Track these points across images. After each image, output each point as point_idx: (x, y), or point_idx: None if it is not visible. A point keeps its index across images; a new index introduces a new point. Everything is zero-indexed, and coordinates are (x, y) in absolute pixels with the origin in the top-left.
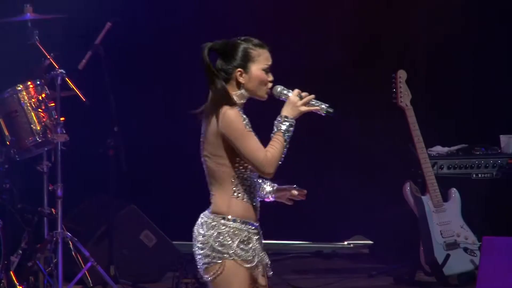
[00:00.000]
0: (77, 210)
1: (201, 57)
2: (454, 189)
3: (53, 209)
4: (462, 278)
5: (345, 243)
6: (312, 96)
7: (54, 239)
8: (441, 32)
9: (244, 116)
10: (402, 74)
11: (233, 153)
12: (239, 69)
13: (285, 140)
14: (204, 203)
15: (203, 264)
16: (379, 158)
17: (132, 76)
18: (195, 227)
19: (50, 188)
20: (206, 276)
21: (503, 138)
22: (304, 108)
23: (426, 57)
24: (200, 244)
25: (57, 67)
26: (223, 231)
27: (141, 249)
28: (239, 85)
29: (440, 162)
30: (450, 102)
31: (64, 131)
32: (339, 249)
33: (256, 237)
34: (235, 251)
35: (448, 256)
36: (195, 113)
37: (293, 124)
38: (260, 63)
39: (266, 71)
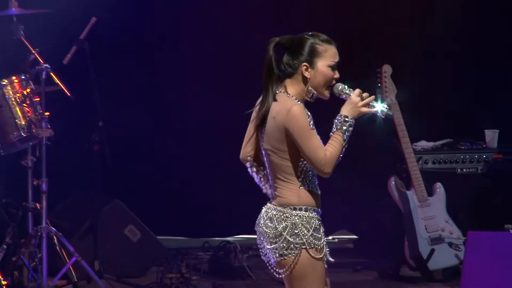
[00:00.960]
0: (62, 205)
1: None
2: (439, 183)
3: (37, 204)
4: (447, 273)
5: (330, 237)
6: (373, 97)
7: (39, 234)
8: (426, 26)
9: (308, 113)
10: (387, 69)
11: (297, 148)
12: (304, 63)
13: (344, 140)
14: (188, 199)
15: (278, 257)
16: (364, 153)
17: (117, 71)
18: (261, 222)
19: (34, 183)
20: (280, 270)
21: (488, 133)
22: (364, 109)
23: (411, 51)
24: (272, 238)
25: (42, 62)
26: (297, 221)
27: (126, 244)
28: (305, 81)
29: (425, 157)
30: (435, 97)
31: (49, 126)
32: None
33: (322, 225)
34: (309, 240)
35: (432, 251)
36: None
37: (353, 124)
38: (326, 59)
39: (333, 67)
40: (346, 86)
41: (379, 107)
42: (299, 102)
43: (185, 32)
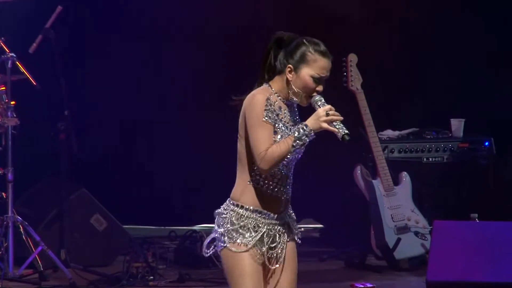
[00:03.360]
0: (28, 194)
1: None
2: (405, 173)
3: (3, 193)
4: (413, 262)
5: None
6: (339, 118)
7: (5, 223)
8: (392, 15)
9: (275, 107)
10: (353, 58)
11: None
12: (290, 65)
13: (293, 146)
14: (154, 187)
15: (217, 248)
16: (329, 142)
17: (82, 60)
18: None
19: (0, 172)
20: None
21: (453, 122)
22: (324, 125)
23: (376, 40)
24: (216, 228)
25: (7, 51)
26: (227, 216)
27: (92, 233)
28: (288, 82)
29: (391, 146)
30: (401, 86)
31: (15, 115)
32: None
33: (269, 228)
34: (230, 233)
35: (399, 240)
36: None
37: (309, 135)
38: (312, 69)
39: (316, 79)
40: (322, 100)
41: (341, 129)
42: (271, 96)
43: (151, 20)
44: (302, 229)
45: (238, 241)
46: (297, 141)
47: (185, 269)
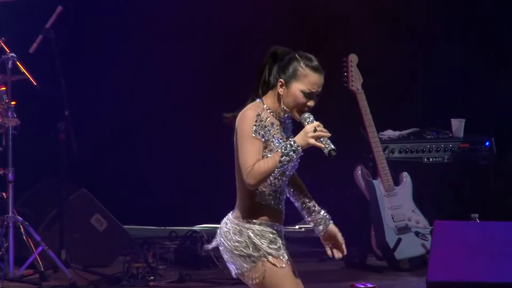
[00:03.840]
0: (28, 194)
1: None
2: (406, 173)
3: (4, 193)
4: (414, 262)
5: (296, 227)
6: (326, 134)
7: (5, 223)
8: (393, 15)
9: (266, 123)
10: (353, 58)
11: None
12: (281, 80)
13: (280, 162)
14: (154, 188)
15: (239, 271)
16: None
17: (83, 60)
18: (220, 235)
19: (1, 172)
20: (246, 281)
21: (454, 122)
22: (312, 141)
23: (377, 40)
24: (232, 251)
25: (8, 51)
26: (250, 234)
27: (92, 233)
28: (279, 97)
29: (392, 146)
30: (402, 86)
31: (15, 115)
32: (289, 233)
33: (280, 239)
34: (267, 251)
35: (399, 240)
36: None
37: (296, 151)
38: (303, 84)
39: (307, 94)
40: (311, 117)
41: (328, 145)
42: (263, 112)
43: (157, 20)
44: (303, 229)
45: (273, 255)
46: (284, 157)
47: (185, 269)
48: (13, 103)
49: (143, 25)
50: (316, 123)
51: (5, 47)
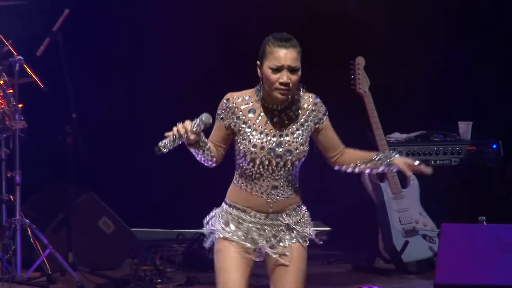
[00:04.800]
0: (36, 197)
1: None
2: (413, 175)
3: (11, 196)
4: (421, 265)
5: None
6: (168, 134)
7: (13, 226)
8: (400, 18)
9: (235, 109)
10: (360, 61)
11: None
12: (257, 62)
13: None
14: (162, 190)
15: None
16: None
17: (90, 63)
18: None
19: (8, 175)
20: None
21: (461, 125)
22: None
23: (383, 42)
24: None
25: (15, 53)
26: (216, 211)
27: (100, 236)
28: (262, 80)
29: (399, 149)
30: (409, 88)
31: (22, 118)
32: None
33: (256, 227)
34: (217, 229)
35: (406, 243)
36: None
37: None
38: (269, 61)
39: (274, 71)
40: (203, 119)
41: (161, 142)
42: (246, 97)
43: (162, 22)
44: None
45: (221, 235)
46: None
47: (193, 272)
48: (20, 105)
49: (151, 25)
50: (186, 122)
51: (12, 50)
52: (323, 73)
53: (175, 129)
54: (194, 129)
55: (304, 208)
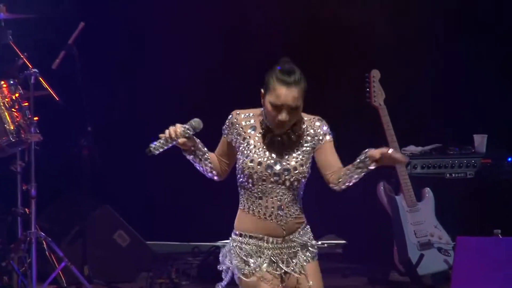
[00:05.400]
0: (51, 209)
1: None
2: (428, 188)
3: (27, 209)
4: (436, 278)
5: (319, 242)
6: (162, 135)
7: (28, 238)
8: (416, 32)
9: (238, 125)
10: (375, 74)
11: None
12: (262, 90)
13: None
14: (177, 203)
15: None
16: (353, 157)
17: (105, 76)
18: None
19: (23, 188)
20: None
21: (476, 138)
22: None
23: (399, 56)
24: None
25: (30, 66)
26: (230, 246)
27: (115, 249)
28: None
29: (414, 162)
30: (424, 102)
31: (38, 131)
32: None
33: (275, 252)
34: (236, 265)
35: (422, 256)
36: None
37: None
38: (270, 95)
39: (274, 107)
40: (192, 123)
41: (152, 143)
42: (251, 114)
43: (176, 35)
44: (326, 244)
45: (246, 271)
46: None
47: (208, 285)
48: (35, 118)
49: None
50: (177, 125)
51: (27, 63)
52: (338, 85)
53: (167, 131)
54: (182, 133)
55: (308, 226)
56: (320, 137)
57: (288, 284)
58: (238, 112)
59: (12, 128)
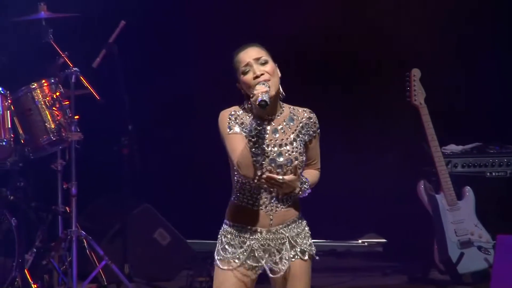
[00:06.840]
0: (91, 208)
1: None
2: (468, 187)
3: (67, 208)
4: (476, 276)
5: (359, 241)
6: (264, 89)
7: (69, 237)
8: (456, 32)
9: (243, 120)
10: (416, 73)
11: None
12: (237, 83)
13: (249, 141)
14: (217, 201)
15: None
16: (393, 157)
17: (146, 74)
18: None
19: (64, 186)
20: None
21: None
22: (254, 91)
23: (439, 55)
24: None
25: (71, 65)
26: (219, 235)
27: (155, 247)
28: (244, 94)
29: (454, 161)
30: (465, 100)
31: (78, 130)
32: (353, 247)
33: (259, 243)
34: (217, 252)
35: (462, 254)
36: None
37: (256, 123)
38: (239, 69)
39: (246, 72)
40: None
41: (261, 95)
42: (238, 111)
43: (213, 35)
44: (366, 243)
45: (223, 258)
46: (250, 137)
47: None
48: (76, 117)
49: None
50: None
51: (68, 62)
52: (380, 85)
53: (258, 87)
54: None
55: (305, 221)
56: (314, 129)
57: (276, 280)
58: (231, 111)
59: (52, 126)
